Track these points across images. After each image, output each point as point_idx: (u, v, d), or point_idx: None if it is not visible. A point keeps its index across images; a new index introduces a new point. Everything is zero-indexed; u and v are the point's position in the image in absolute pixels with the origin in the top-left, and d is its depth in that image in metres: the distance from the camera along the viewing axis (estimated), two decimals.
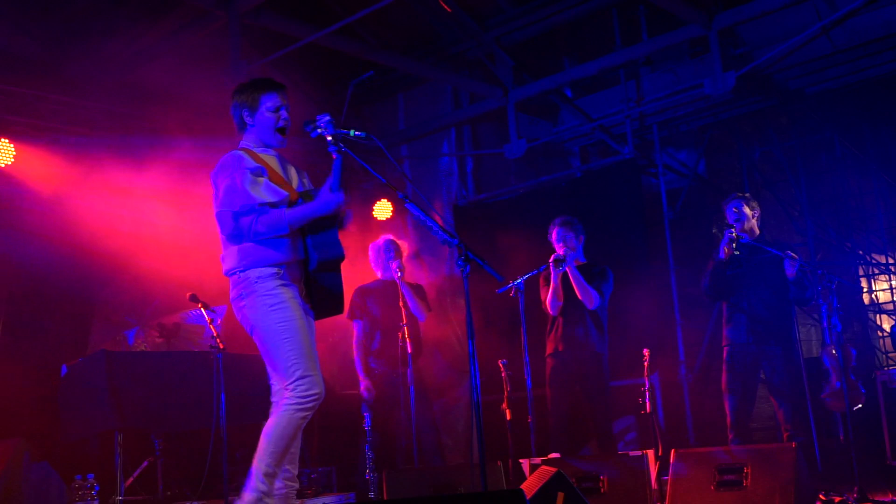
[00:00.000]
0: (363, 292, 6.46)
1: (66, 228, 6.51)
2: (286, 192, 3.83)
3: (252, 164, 3.82)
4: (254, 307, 3.78)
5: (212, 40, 6.34)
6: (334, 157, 3.76)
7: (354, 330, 6.39)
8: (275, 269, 3.78)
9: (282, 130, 3.93)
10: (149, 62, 6.63)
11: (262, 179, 3.80)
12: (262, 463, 3.69)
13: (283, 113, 3.93)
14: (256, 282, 3.77)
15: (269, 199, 3.77)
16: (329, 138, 3.73)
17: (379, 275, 6.49)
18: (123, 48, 6.48)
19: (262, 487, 3.68)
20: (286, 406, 3.71)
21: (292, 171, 4.04)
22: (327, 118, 3.75)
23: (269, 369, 3.85)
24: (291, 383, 3.71)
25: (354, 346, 6.38)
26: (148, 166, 6.46)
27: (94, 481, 5.05)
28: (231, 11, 6.02)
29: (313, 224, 3.80)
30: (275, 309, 3.75)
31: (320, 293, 3.87)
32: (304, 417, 3.72)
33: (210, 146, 6.01)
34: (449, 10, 6.61)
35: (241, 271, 3.81)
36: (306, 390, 3.69)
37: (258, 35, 6.58)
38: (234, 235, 3.80)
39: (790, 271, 5.42)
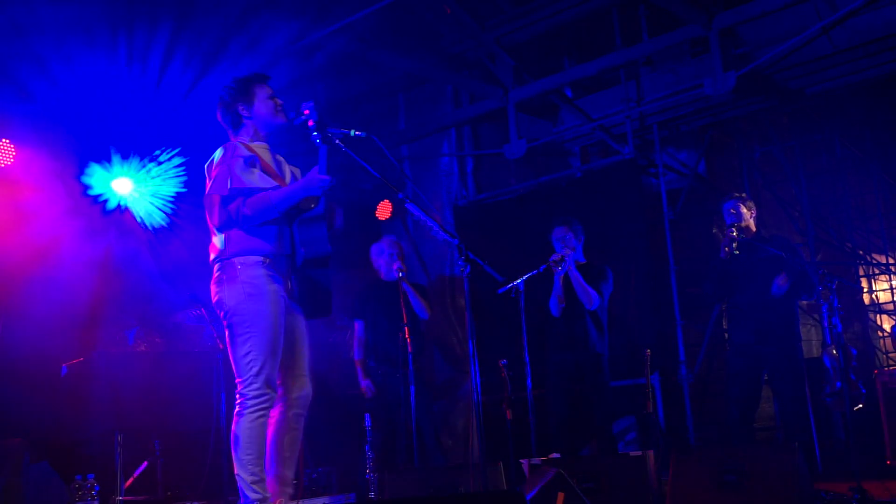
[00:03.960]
0: (365, 292, 6.49)
1: (67, 228, 6.52)
2: (277, 184, 3.81)
3: (246, 153, 3.81)
4: (231, 292, 3.73)
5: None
6: (318, 145, 3.70)
7: (356, 329, 6.42)
8: (260, 259, 3.74)
9: (281, 113, 3.92)
10: None
11: (255, 169, 3.77)
12: (244, 473, 3.66)
13: (278, 99, 3.95)
14: (240, 268, 3.73)
15: (260, 185, 3.73)
16: (311, 124, 3.68)
17: (381, 275, 6.50)
18: None
19: (256, 496, 3.65)
20: (240, 412, 3.67)
21: (285, 166, 4.04)
22: (311, 104, 3.71)
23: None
24: (245, 379, 3.67)
25: (355, 345, 6.41)
26: None
27: (94, 481, 5.05)
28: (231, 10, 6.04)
29: (301, 219, 3.77)
30: (252, 298, 3.70)
31: (307, 291, 3.83)
32: (261, 417, 3.68)
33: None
34: (449, 10, 6.61)
35: (225, 259, 3.77)
36: (258, 389, 3.66)
37: (257, 33, 6.57)
38: (223, 221, 3.76)
39: (779, 288, 5.44)
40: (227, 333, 3.78)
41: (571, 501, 3.97)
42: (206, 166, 3.88)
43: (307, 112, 3.70)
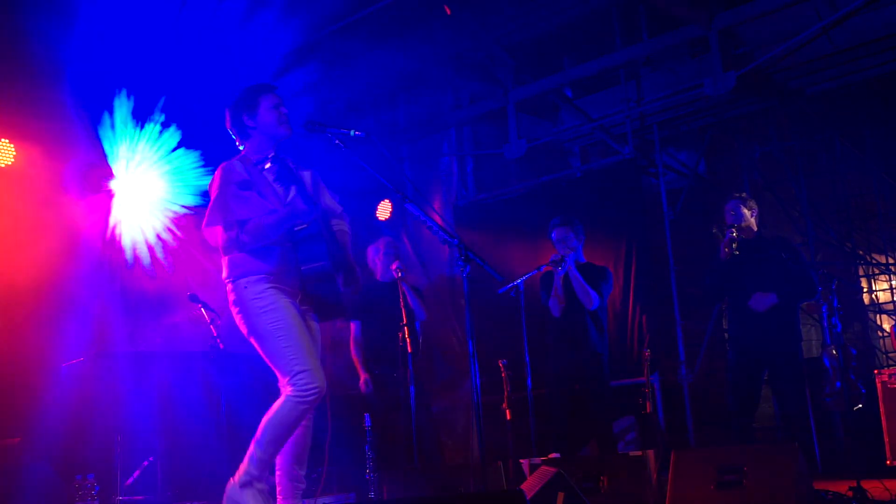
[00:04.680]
0: (361, 293, 6.45)
1: (67, 229, 6.52)
2: (272, 207, 3.88)
3: (240, 177, 3.87)
4: (247, 312, 3.87)
5: None
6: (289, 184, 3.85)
7: (352, 330, 6.40)
8: (263, 277, 3.86)
9: (285, 125, 3.99)
10: None
11: (248, 193, 3.85)
12: (258, 449, 3.76)
13: (283, 109, 4.00)
14: (247, 287, 3.86)
15: (252, 214, 3.84)
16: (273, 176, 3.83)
17: (377, 276, 6.49)
18: None
19: (254, 472, 3.75)
20: (290, 396, 3.77)
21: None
22: (272, 155, 3.82)
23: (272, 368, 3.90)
24: (292, 379, 3.77)
25: (352, 346, 6.40)
26: None
27: (94, 481, 5.05)
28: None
29: (298, 239, 3.87)
30: (266, 311, 3.82)
31: (317, 302, 3.97)
32: (305, 409, 3.78)
33: None
34: (449, 10, 6.61)
35: (233, 280, 3.91)
36: (306, 384, 3.75)
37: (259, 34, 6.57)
38: (224, 247, 3.91)
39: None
40: (260, 349, 3.88)
41: (571, 501, 3.98)
42: (209, 185, 3.98)
43: (268, 165, 3.80)
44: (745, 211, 5.69)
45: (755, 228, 5.73)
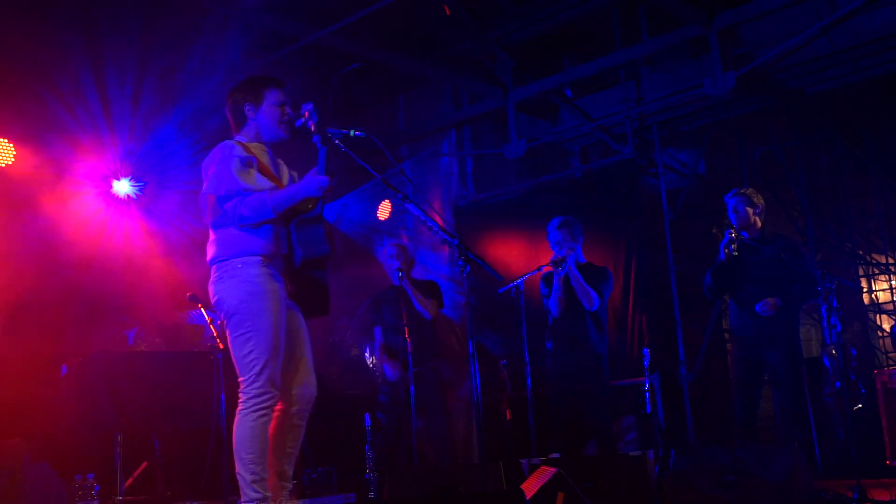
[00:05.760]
0: (376, 299, 6.54)
1: (67, 229, 6.52)
2: (274, 184, 3.80)
3: (242, 153, 3.78)
4: (233, 291, 3.71)
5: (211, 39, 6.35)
6: (318, 147, 3.67)
7: (375, 336, 6.50)
8: (260, 258, 3.73)
9: (286, 126, 3.89)
10: None
11: (252, 169, 3.75)
12: (245, 472, 3.63)
13: (288, 109, 3.89)
14: (241, 267, 3.71)
15: (257, 185, 3.72)
16: (312, 127, 3.66)
17: (390, 279, 6.53)
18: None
19: (256, 495, 3.62)
20: (243, 410, 3.65)
21: (283, 168, 4.03)
22: (311, 106, 3.67)
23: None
24: (247, 378, 3.66)
25: (378, 351, 6.47)
26: None
27: (94, 481, 5.05)
28: (231, 10, 6.04)
29: (299, 220, 3.75)
30: (253, 296, 3.68)
31: (306, 291, 3.83)
32: (263, 416, 3.66)
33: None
34: (449, 10, 6.61)
35: (224, 259, 3.76)
36: (261, 388, 3.64)
37: (258, 34, 6.58)
38: (218, 220, 3.76)
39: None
40: (227, 333, 3.76)
41: (571, 501, 3.97)
42: (203, 163, 3.86)
43: (307, 114, 3.67)
44: (749, 209, 5.65)
45: (759, 225, 5.68)
